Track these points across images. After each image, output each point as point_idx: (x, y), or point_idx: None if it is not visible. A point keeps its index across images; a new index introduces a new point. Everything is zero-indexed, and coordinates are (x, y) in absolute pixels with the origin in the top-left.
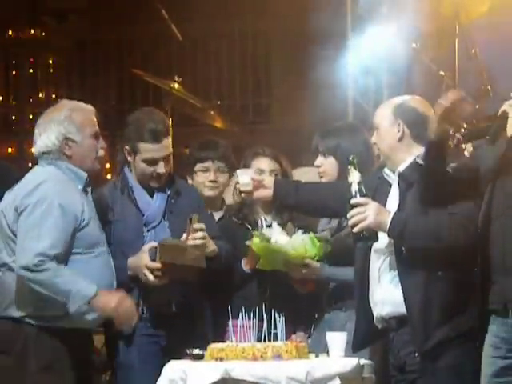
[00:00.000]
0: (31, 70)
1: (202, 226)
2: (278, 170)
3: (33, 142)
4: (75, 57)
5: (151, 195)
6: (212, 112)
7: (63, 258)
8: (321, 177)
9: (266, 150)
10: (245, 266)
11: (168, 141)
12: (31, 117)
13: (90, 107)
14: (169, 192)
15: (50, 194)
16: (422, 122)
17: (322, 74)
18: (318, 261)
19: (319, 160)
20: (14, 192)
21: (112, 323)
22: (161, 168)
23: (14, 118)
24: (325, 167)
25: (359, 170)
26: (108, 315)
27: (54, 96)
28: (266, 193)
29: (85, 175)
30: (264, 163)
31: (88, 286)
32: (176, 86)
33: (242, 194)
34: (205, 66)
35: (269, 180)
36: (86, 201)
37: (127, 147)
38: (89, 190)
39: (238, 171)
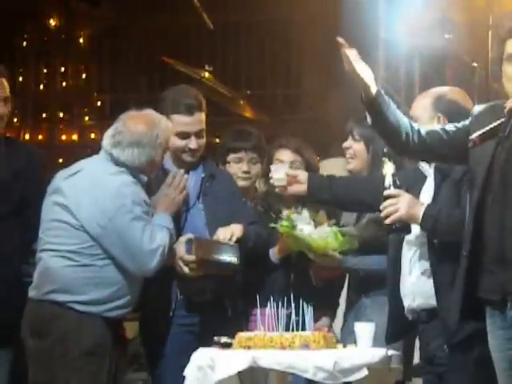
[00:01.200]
0: (62, 58)
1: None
2: (300, 161)
3: (106, 134)
4: (106, 44)
5: (187, 173)
6: (242, 102)
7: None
8: (348, 163)
9: (289, 142)
10: (275, 254)
11: (201, 116)
12: (62, 104)
13: (170, 124)
14: (203, 175)
15: (137, 193)
16: (462, 116)
17: None
18: (340, 253)
19: (349, 142)
20: (89, 190)
21: (146, 311)
22: (193, 143)
23: (45, 105)
24: (354, 150)
25: (393, 161)
26: (181, 202)
27: (84, 84)
28: (300, 188)
29: (145, 179)
30: (284, 155)
31: (163, 218)
32: (206, 74)
33: (277, 190)
34: (235, 55)
35: (303, 175)
36: None
37: None
38: None
39: (272, 166)
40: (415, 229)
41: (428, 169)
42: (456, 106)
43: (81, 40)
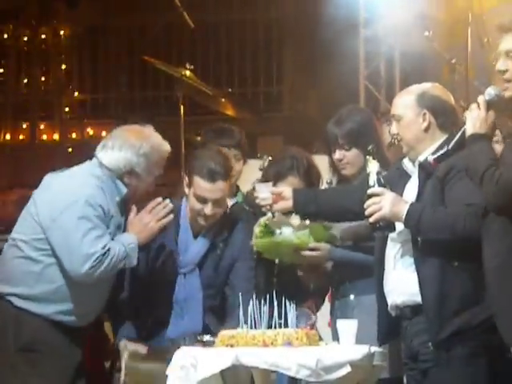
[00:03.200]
0: (43, 58)
1: None
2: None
3: (101, 144)
4: (86, 43)
5: (195, 237)
6: (223, 100)
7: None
8: (343, 168)
9: (298, 167)
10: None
11: (223, 185)
12: (42, 103)
13: (167, 148)
14: (213, 240)
15: (95, 196)
16: (446, 110)
17: (333, 62)
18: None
19: (340, 153)
20: (57, 184)
21: (117, 311)
22: (208, 209)
23: (25, 104)
24: (347, 159)
25: (377, 160)
26: (155, 230)
27: (65, 83)
28: (286, 204)
29: (124, 190)
30: (294, 184)
31: (127, 237)
32: (187, 73)
33: (263, 208)
34: (216, 54)
35: (287, 191)
36: (116, 214)
37: (186, 178)
38: (129, 207)
39: (257, 185)
40: (399, 226)
41: (411, 167)
42: (440, 101)
43: (61, 40)
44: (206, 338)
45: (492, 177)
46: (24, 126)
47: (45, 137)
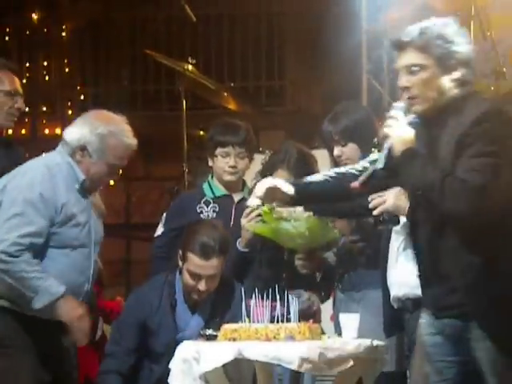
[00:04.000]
0: (45, 51)
1: None
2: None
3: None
4: (88, 37)
5: (193, 312)
6: (225, 94)
7: (39, 250)
8: (344, 165)
9: (289, 160)
10: (240, 244)
11: (218, 261)
12: (44, 98)
13: (130, 141)
14: (211, 314)
15: (36, 183)
16: None
17: (335, 56)
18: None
19: (338, 150)
20: (16, 170)
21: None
22: (202, 285)
23: (27, 99)
24: (346, 155)
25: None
26: (66, 321)
27: (66, 77)
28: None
29: (81, 178)
30: (282, 177)
31: (57, 285)
32: (189, 67)
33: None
34: (218, 48)
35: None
36: (77, 200)
37: (180, 252)
38: (90, 195)
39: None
40: (403, 219)
41: None
42: None
43: (63, 33)
44: (209, 331)
45: (452, 184)
46: (26, 120)
47: (47, 131)
